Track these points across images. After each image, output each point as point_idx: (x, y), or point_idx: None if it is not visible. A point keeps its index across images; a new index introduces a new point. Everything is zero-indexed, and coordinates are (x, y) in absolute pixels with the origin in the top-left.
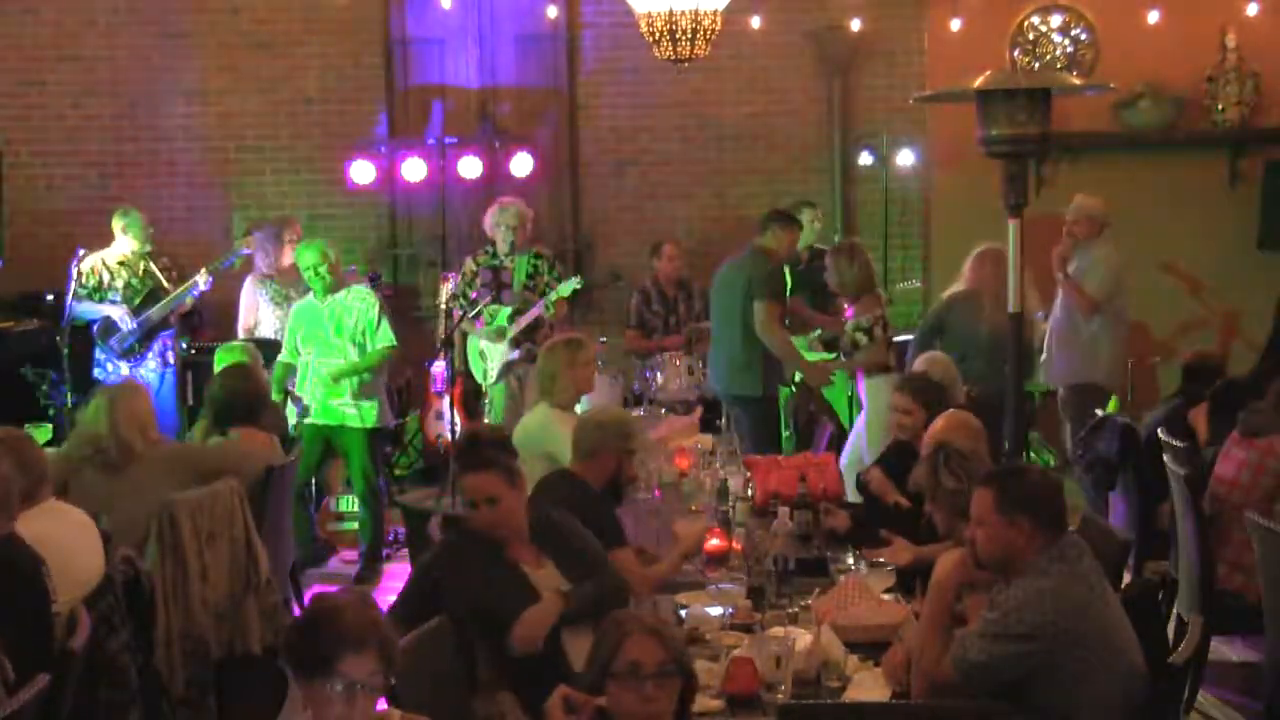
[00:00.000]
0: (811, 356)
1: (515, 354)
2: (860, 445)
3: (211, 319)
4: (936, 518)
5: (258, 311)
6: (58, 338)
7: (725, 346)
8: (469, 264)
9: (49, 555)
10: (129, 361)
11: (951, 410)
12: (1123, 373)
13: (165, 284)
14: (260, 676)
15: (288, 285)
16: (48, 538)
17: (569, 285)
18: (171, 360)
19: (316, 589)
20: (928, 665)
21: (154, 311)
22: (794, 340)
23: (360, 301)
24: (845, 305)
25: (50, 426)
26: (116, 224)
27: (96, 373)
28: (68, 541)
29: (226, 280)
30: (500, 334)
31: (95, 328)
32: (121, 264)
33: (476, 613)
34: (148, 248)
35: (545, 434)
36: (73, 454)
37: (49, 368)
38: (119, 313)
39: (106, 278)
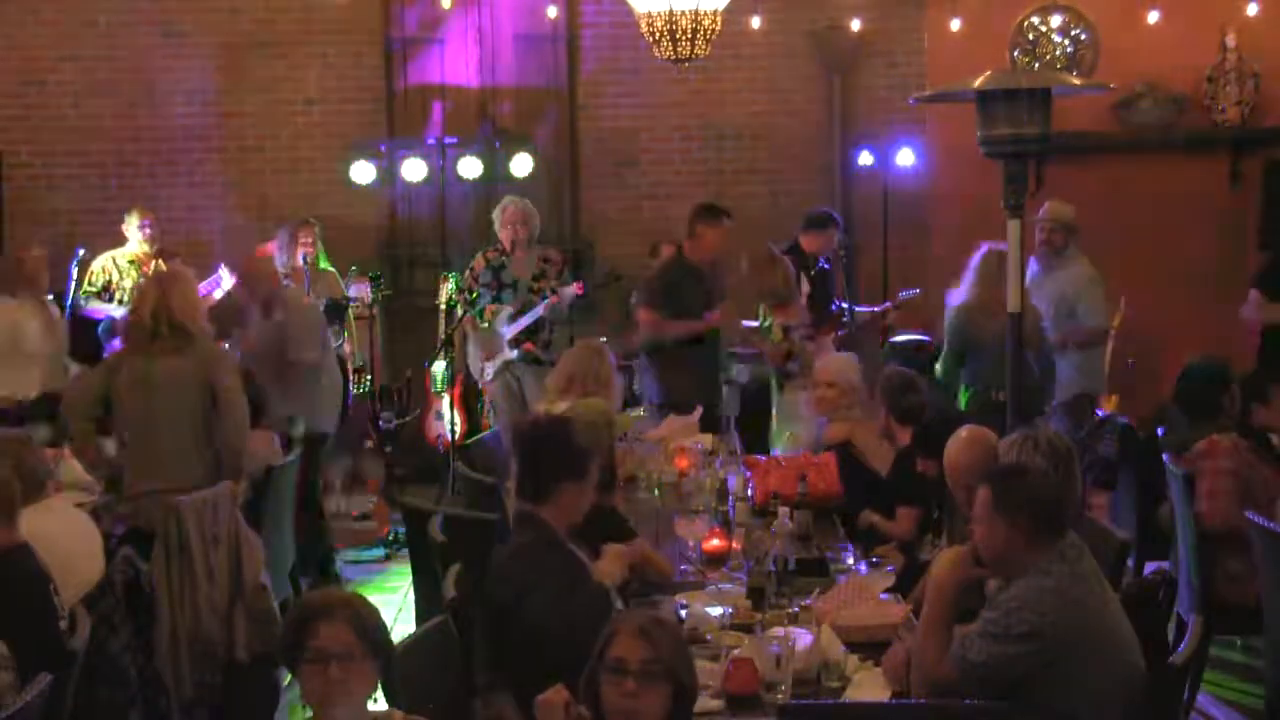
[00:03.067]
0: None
1: (514, 354)
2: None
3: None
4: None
5: None
6: None
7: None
8: (478, 259)
9: (49, 555)
10: None
11: (972, 430)
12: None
13: None
14: (251, 685)
15: (299, 285)
16: (48, 537)
17: (569, 292)
18: None
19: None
20: (928, 665)
21: None
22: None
23: None
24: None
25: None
26: (129, 223)
27: None
28: (68, 541)
29: None
30: (491, 339)
31: (101, 327)
32: (131, 263)
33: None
34: (156, 248)
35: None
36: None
37: None
38: (123, 313)
39: (115, 277)
